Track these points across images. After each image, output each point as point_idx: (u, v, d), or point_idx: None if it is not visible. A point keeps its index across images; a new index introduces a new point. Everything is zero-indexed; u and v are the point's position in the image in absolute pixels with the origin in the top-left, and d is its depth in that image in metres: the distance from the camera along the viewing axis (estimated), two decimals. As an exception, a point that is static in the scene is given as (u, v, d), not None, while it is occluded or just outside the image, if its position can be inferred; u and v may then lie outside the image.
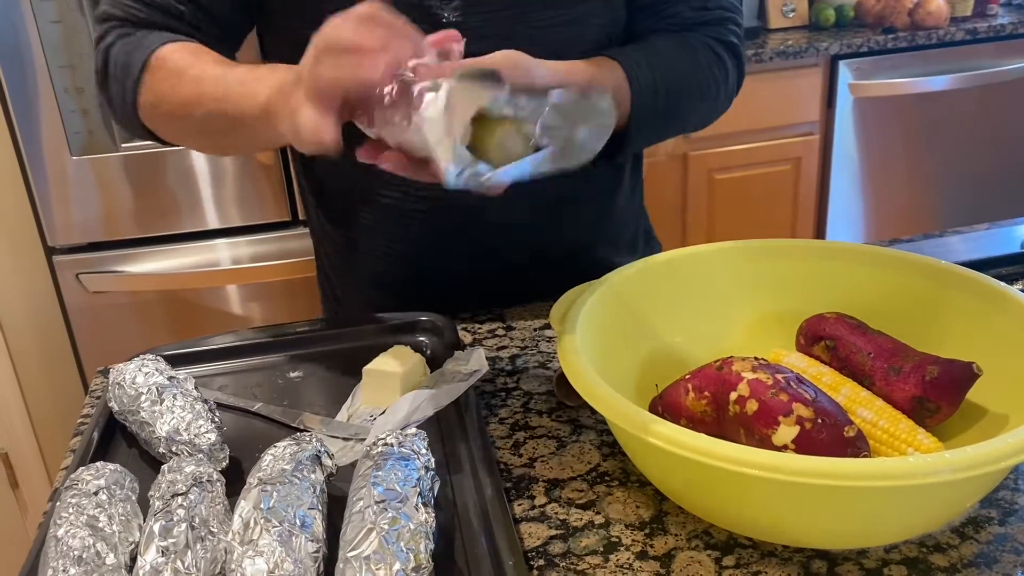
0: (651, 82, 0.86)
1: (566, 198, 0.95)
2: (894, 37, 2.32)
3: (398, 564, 0.52)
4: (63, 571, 0.54)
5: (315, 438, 0.65)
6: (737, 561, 0.59)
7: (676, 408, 0.68)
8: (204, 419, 0.70)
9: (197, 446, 0.68)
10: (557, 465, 0.70)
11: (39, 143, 1.84)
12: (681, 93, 0.90)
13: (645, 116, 0.87)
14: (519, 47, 0.81)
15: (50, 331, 2.06)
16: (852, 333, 0.72)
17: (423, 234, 0.95)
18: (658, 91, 0.86)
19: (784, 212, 2.43)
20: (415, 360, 0.79)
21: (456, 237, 0.95)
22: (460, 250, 0.96)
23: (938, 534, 0.60)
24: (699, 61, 0.91)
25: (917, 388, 0.66)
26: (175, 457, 0.67)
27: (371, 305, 1.01)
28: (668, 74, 0.88)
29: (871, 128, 2.41)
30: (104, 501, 0.61)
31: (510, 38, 0.84)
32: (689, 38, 0.92)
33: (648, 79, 0.86)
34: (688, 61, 0.91)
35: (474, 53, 0.77)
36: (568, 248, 0.99)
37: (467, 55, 0.76)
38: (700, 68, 0.91)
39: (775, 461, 0.51)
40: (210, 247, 1.99)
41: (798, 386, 0.62)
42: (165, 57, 0.80)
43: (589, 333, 0.69)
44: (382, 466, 0.60)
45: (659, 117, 0.89)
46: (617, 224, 1.03)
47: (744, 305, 0.80)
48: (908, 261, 0.76)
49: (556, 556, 0.60)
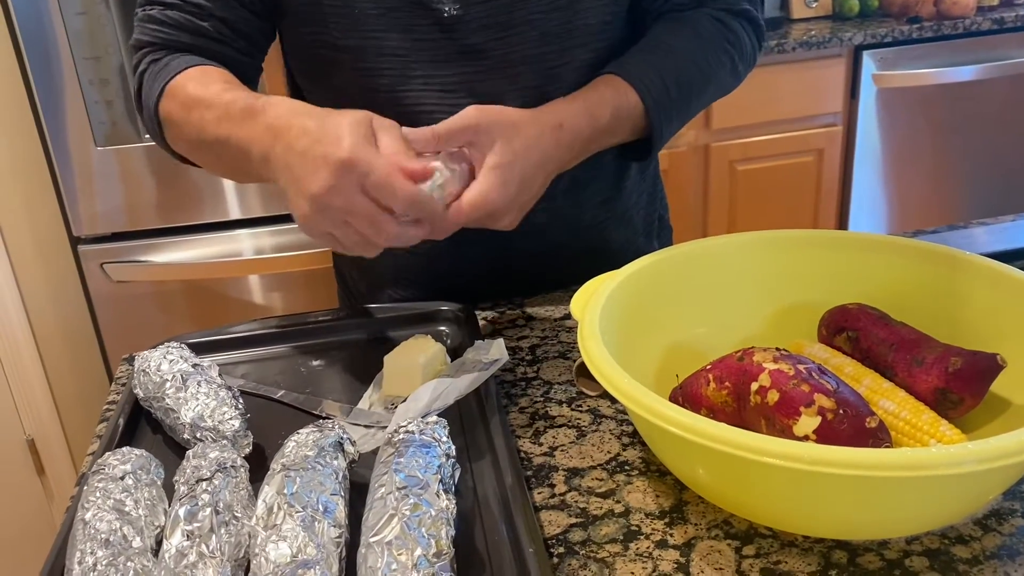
0: (661, 86, 0.86)
1: (578, 181, 0.94)
2: (919, 27, 2.29)
3: (419, 550, 0.52)
4: (91, 554, 0.55)
5: (337, 425, 0.66)
6: (757, 551, 0.59)
7: (696, 398, 0.67)
8: (228, 406, 0.71)
9: (221, 432, 0.69)
10: (577, 454, 0.70)
11: (64, 134, 1.86)
12: (693, 83, 0.90)
13: (663, 121, 0.87)
14: (519, 35, 0.85)
15: (75, 320, 2.08)
16: (875, 324, 0.72)
17: None
18: (670, 91, 0.86)
19: (806, 204, 2.41)
20: (435, 349, 0.79)
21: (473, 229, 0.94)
22: (477, 242, 0.95)
23: (960, 526, 0.60)
24: (706, 42, 0.91)
25: (940, 379, 0.66)
26: (199, 443, 0.68)
27: (390, 299, 1.02)
28: (677, 70, 0.88)
29: (895, 119, 2.38)
30: (130, 486, 0.62)
31: (510, 27, 0.85)
32: (693, 18, 0.92)
33: (658, 84, 0.86)
34: (695, 47, 0.90)
35: (474, 45, 0.85)
36: (581, 230, 0.99)
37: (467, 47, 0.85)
38: (708, 49, 0.91)
39: (796, 450, 0.51)
40: (232, 237, 2.01)
41: (820, 377, 0.61)
42: (179, 86, 0.82)
43: (609, 323, 0.69)
44: (404, 453, 0.60)
45: (677, 114, 0.89)
46: (627, 203, 1.03)
47: (765, 296, 0.80)
48: (932, 252, 0.76)
49: (576, 544, 0.61)
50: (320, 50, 0.88)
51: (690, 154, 2.29)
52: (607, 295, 0.71)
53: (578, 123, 0.81)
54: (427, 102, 0.88)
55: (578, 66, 0.89)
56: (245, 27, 0.88)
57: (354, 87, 0.89)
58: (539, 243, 0.96)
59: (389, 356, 0.79)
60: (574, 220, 0.98)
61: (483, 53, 0.86)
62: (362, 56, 0.87)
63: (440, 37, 0.86)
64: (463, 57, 0.87)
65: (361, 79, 0.88)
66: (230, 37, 0.87)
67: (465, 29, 0.85)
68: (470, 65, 0.87)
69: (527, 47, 0.86)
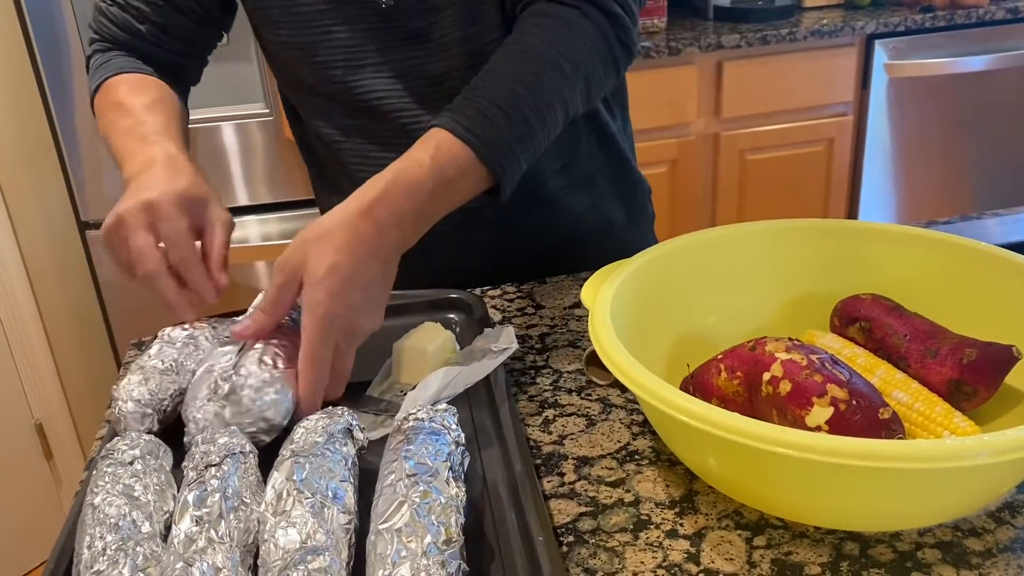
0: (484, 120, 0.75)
1: None
2: (932, 16, 2.27)
3: (429, 537, 0.52)
4: (100, 538, 0.55)
5: (346, 411, 0.66)
6: (768, 541, 0.59)
7: (707, 388, 0.67)
8: None
9: None
10: (587, 443, 0.70)
11: (73, 118, 1.86)
12: (529, 107, 0.77)
13: (505, 158, 0.76)
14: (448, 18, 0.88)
15: (83, 305, 2.09)
16: (888, 315, 0.72)
17: None
18: (496, 122, 0.75)
19: (816, 194, 2.40)
20: (445, 337, 0.79)
21: None
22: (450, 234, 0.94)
23: (973, 518, 0.59)
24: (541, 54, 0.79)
25: (954, 371, 0.65)
26: (209, 429, 0.68)
27: None
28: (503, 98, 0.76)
29: (906, 109, 2.36)
30: (139, 471, 0.61)
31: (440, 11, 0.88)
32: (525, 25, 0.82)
33: (478, 120, 0.75)
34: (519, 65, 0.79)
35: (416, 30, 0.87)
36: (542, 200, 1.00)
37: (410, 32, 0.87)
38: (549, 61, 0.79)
39: (808, 441, 0.51)
40: (240, 224, 2.00)
41: (832, 367, 0.61)
42: (112, 87, 0.91)
43: (620, 311, 0.68)
44: (413, 440, 0.60)
45: (520, 144, 0.77)
46: (587, 168, 1.03)
47: (777, 286, 0.80)
48: (946, 242, 0.75)
49: (585, 533, 0.60)
50: (278, 48, 0.94)
51: (700, 143, 2.28)
52: (618, 283, 0.71)
53: (393, 193, 0.71)
54: (379, 89, 0.91)
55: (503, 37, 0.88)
56: (183, 33, 0.95)
57: (314, 79, 0.94)
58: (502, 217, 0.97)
59: (399, 343, 0.78)
60: (535, 190, 0.98)
61: (425, 37, 0.89)
62: (314, 51, 0.91)
63: (385, 25, 0.89)
64: (408, 42, 0.89)
65: (318, 72, 0.92)
66: (166, 41, 0.94)
67: (404, 16, 0.88)
68: (416, 49, 0.90)
69: (457, 28, 0.89)
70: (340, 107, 0.95)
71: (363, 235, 0.69)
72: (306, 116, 1.00)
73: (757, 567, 0.57)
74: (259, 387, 0.68)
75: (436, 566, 0.51)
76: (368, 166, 0.95)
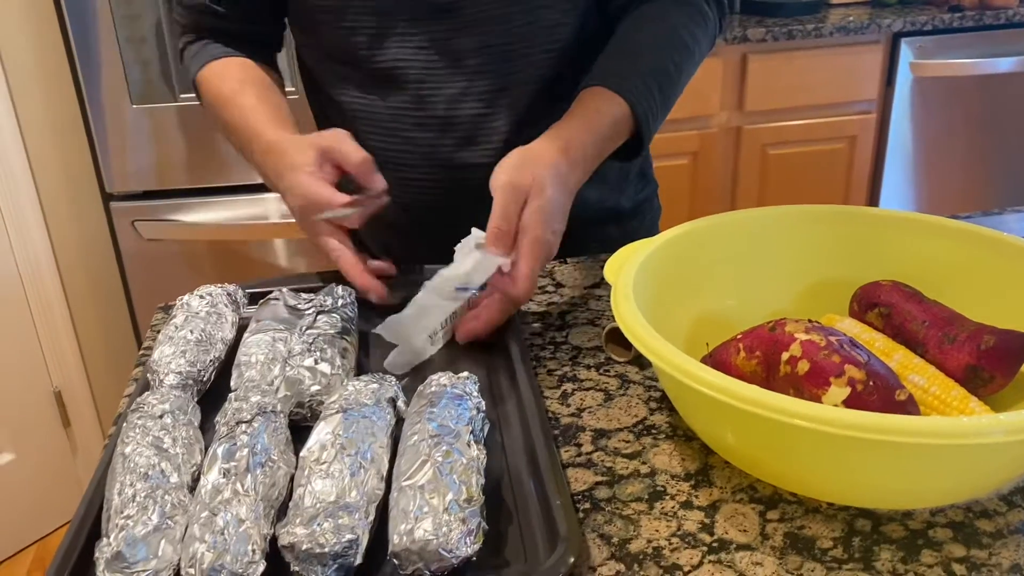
0: (645, 91, 0.88)
1: None
2: (960, 16, 2.26)
3: (451, 494, 0.53)
4: (130, 485, 0.57)
5: (395, 381, 0.67)
6: (781, 515, 0.60)
7: (726, 367, 0.68)
8: None
9: None
10: (604, 416, 0.71)
11: (100, 91, 1.88)
12: (671, 81, 0.92)
13: (651, 125, 0.90)
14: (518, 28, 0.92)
15: (104, 275, 2.11)
16: (907, 301, 0.72)
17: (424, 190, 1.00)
18: (653, 94, 0.89)
19: (836, 190, 2.39)
20: None
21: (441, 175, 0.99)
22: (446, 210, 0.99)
23: (985, 500, 0.60)
24: (676, 33, 0.93)
25: (971, 357, 0.66)
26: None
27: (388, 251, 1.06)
28: (656, 71, 0.90)
29: (930, 109, 2.36)
30: (168, 424, 0.63)
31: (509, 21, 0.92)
32: (659, 8, 0.94)
33: (642, 90, 0.88)
34: (667, 42, 0.92)
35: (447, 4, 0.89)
36: None
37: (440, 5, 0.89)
38: (679, 42, 0.93)
39: (826, 414, 0.52)
40: (260, 201, 2.02)
41: (851, 348, 0.62)
42: (206, 80, 0.98)
43: (642, 289, 0.69)
44: (436, 404, 0.61)
45: (661, 114, 0.92)
46: None
47: (798, 270, 0.80)
48: (966, 232, 0.76)
49: (602, 501, 0.62)
50: (308, 11, 0.96)
51: (721, 136, 2.28)
52: (641, 261, 0.72)
53: (582, 139, 0.84)
54: (402, 58, 0.93)
55: (544, 26, 0.92)
56: (250, 2, 0.99)
57: (336, 45, 0.96)
58: None
59: None
60: None
61: (455, 12, 0.90)
62: (342, 15, 0.93)
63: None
64: (436, 15, 0.91)
65: (342, 37, 0.94)
66: (238, 13, 0.98)
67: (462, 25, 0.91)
68: (442, 23, 0.91)
69: (494, 7, 0.90)
70: (360, 75, 0.96)
71: (563, 171, 0.80)
72: (324, 83, 1.02)
73: (770, 539, 0.58)
74: None
75: (457, 522, 0.52)
76: (380, 135, 0.97)
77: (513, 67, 0.93)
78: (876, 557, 0.56)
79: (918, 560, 0.56)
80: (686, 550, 0.57)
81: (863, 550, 0.57)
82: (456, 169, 0.97)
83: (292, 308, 0.80)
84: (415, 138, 0.96)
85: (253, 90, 0.95)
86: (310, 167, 0.84)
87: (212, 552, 0.52)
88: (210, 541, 0.52)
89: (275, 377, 0.71)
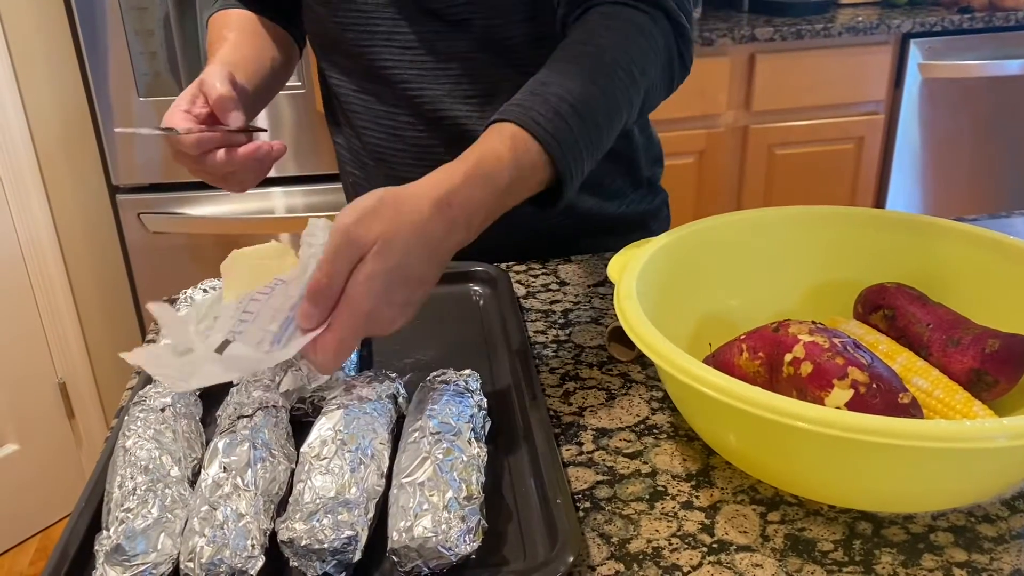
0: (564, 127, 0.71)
1: None
2: (970, 17, 2.25)
3: (451, 492, 0.53)
4: (131, 479, 0.57)
5: (398, 379, 0.67)
6: (782, 517, 0.59)
7: (729, 367, 0.68)
8: None
9: None
10: (606, 415, 0.71)
11: (107, 83, 1.88)
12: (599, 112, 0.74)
13: (573, 168, 0.72)
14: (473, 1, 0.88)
15: (109, 268, 2.12)
16: (912, 303, 0.72)
17: None
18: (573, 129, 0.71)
19: (843, 191, 2.38)
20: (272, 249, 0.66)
21: None
22: None
23: (987, 505, 0.60)
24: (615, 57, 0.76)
25: (976, 360, 0.66)
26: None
27: None
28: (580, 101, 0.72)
29: (938, 110, 2.35)
30: (169, 418, 0.63)
31: None
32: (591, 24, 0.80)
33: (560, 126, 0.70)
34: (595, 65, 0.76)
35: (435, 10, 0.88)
36: None
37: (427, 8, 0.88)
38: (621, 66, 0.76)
39: (828, 416, 0.51)
40: (266, 195, 2.03)
41: (854, 351, 0.61)
42: (210, 25, 1.00)
43: (645, 288, 0.69)
44: (438, 401, 0.61)
45: (587, 153, 0.73)
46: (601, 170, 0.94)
47: (802, 271, 0.80)
48: (973, 235, 0.75)
49: (602, 500, 0.61)
50: (307, 3, 0.97)
51: (728, 136, 2.27)
52: (645, 260, 0.72)
53: (472, 195, 0.65)
54: (389, 57, 0.93)
55: (530, 33, 0.90)
56: None
57: (331, 39, 0.97)
58: None
59: None
60: None
61: (442, 14, 0.90)
62: (335, 10, 0.93)
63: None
64: (424, 16, 0.90)
65: (337, 32, 0.95)
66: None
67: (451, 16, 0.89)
68: (430, 24, 0.90)
69: (478, 14, 0.88)
70: (358, 71, 0.97)
71: (431, 234, 0.62)
72: (329, 75, 1.02)
73: (770, 541, 0.57)
74: None
75: (457, 520, 0.52)
76: (375, 131, 0.98)
77: (498, 72, 0.91)
78: (877, 560, 0.56)
79: (919, 564, 0.55)
80: (686, 551, 0.57)
81: (864, 553, 0.56)
82: None
83: None
84: (407, 137, 0.96)
85: (232, 35, 0.96)
86: (185, 103, 0.81)
87: (211, 546, 0.52)
88: (209, 535, 0.52)
89: (277, 372, 0.71)
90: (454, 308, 0.88)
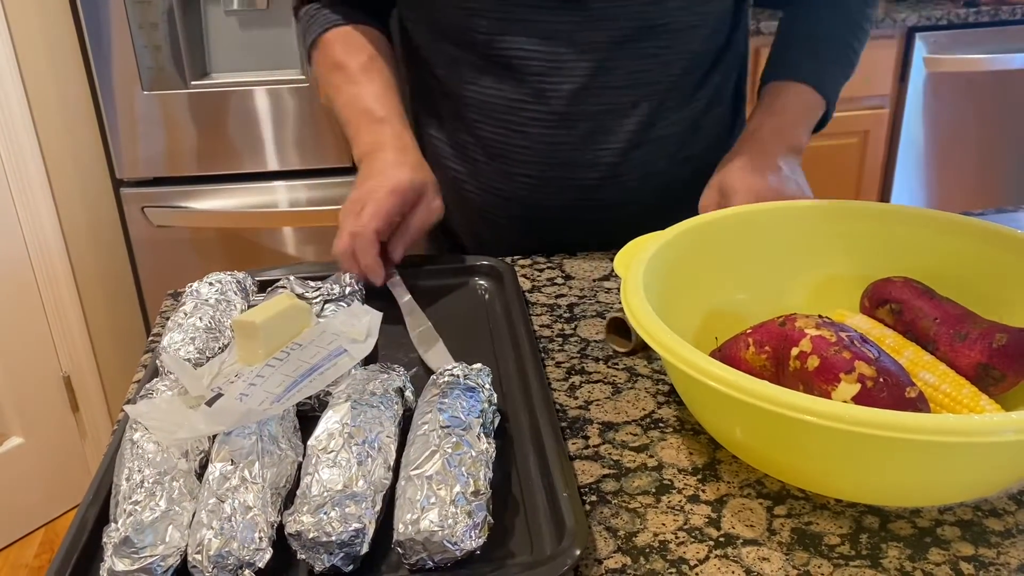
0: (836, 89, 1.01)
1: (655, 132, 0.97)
2: (976, 11, 2.24)
3: (458, 486, 0.53)
4: (138, 471, 0.57)
5: (403, 371, 0.67)
6: (789, 511, 0.60)
7: (735, 361, 0.68)
8: None
9: None
10: (612, 409, 0.71)
11: (111, 77, 1.88)
12: (852, 65, 1.03)
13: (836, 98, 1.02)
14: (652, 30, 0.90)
15: (114, 262, 2.12)
16: (919, 298, 0.72)
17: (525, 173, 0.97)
18: (839, 87, 1.02)
19: (848, 186, 2.38)
20: (286, 307, 0.71)
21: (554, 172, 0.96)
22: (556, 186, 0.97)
23: (994, 499, 0.60)
24: (853, 18, 1.03)
25: (983, 355, 0.65)
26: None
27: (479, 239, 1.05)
28: (844, 63, 1.02)
29: (944, 104, 2.34)
30: (176, 411, 0.63)
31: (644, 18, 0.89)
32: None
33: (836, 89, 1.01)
34: (846, 31, 1.02)
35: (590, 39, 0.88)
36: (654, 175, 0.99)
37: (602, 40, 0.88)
38: (857, 23, 1.03)
39: (835, 410, 0.51)
40: (269, 189, 2.03)
41: (861, 345, 0.61)
42: (328, 44, 0.97)
43: (652, 282, 0.69)
44: (448, 395, 0.61)
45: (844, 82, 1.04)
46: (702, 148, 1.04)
47: (809, 265, 0.80)
48: (980, 228, 0.75)
49: (608, 494, 0.62)
50: None
51: (732, 129, 2.26)
52: (651, 254, 0.72)
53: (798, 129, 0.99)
54: (525, 48, 0.89)
55: (679, 27, 0.89)
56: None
57: (454, 25, 0.91)
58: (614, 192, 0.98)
59: (235, 319, 0.70)
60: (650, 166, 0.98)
61: (584, 4, 0.87)
62: None
63: None
64: (566, 6, 0.87)
65: (461, 18, 0.90)
66: None
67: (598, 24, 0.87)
68: (572, 14, 0.87)
69: (627, 2, 0.87)
70: (475, 60, 0.92)
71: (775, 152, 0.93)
72: (432, 63, 0.97)
73: (777, 535, 0.57)
74: None
75: (463, 515, 0.52)
76: (491, 125, 0.94)
77: (641, 65, 0.90)
78: (883, 554, 0.56)
79: (926, 558, 0.55)
80: (692, 544, 0.57)
81: (870, 547, 0.56)
82: (571, 167, 0.94)
83: (300, 296, 0.80)
84: (530, 133, 0.93)
85: (379, 75, 0.94)
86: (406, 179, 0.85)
87: (219, 539, 0.52)
88: (217, 528, 0.53)
89: None
90: (460, 302, 0.88)
